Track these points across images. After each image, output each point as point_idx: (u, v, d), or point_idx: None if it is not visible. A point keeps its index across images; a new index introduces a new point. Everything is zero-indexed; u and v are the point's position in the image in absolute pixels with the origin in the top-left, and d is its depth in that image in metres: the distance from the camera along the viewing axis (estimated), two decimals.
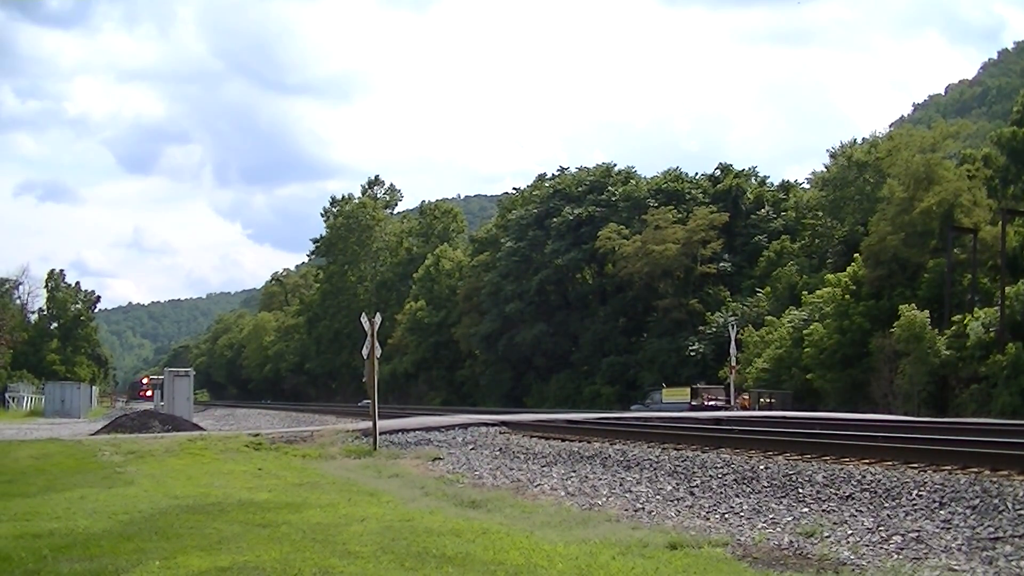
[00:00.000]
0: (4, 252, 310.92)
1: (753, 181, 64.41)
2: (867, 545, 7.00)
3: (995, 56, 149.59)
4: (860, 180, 52.79)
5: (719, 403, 41.28)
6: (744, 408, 39.96)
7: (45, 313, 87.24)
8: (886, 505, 8.21)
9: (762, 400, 41.54)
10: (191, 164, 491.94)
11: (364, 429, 17.66)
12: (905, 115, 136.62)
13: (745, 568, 6.33)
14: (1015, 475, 8.60)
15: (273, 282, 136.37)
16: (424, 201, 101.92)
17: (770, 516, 8.44)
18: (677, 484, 10.50)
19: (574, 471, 12.21)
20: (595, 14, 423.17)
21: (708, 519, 8.62)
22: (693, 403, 42.32)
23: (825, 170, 58.12)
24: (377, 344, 16.44)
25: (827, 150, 71.86)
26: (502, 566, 6.01)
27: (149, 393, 64.10)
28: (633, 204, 63.55)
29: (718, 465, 11.13)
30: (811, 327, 42.91)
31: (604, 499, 10.02)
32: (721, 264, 57.66)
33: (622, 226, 60.97)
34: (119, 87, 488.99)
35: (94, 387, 71.28)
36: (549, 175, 75.92)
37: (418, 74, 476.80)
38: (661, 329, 57.68)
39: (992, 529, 7.01)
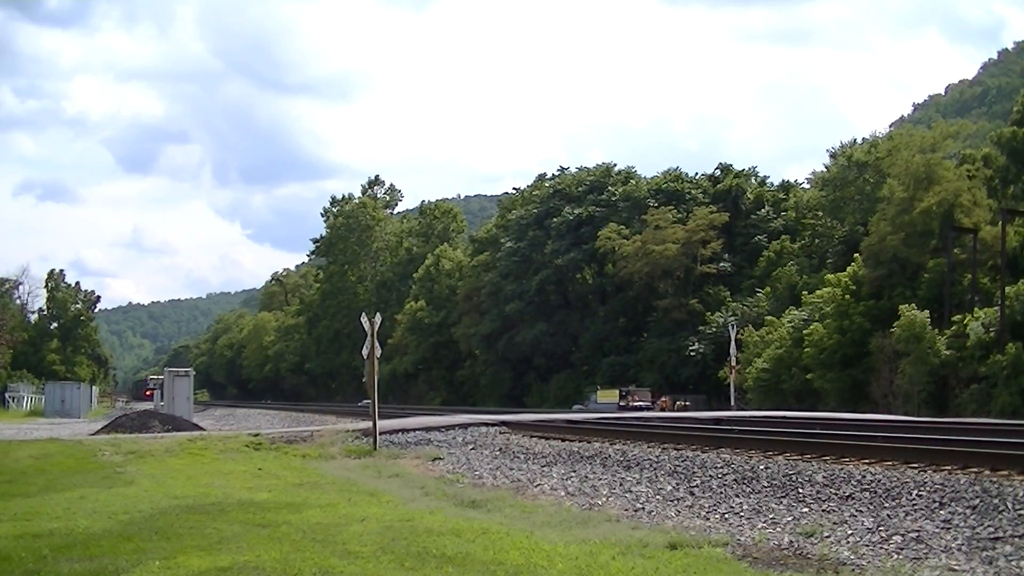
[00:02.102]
0: (4, 252, 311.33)
1: (753, 181, 64.37)
2: (867, 545, 7.00)
3: (995, 56, 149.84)
4: (860, 180, 52.75)
5: (643, 404, 46.92)
6: (664, 409, 45.49)
7: (45, 313, 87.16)
8: (886, 505, 8.21)
9: (678, 403, 47.66)
10: (190, 164, 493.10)
11: (364, 429, 17.65)
12: (905, 115, 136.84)
13: (745, 568, 6.33)
14: (1015, 475, 8.60)
15: (273, 282, 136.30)
16: (424, 201, 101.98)
17: (770, 516, 8.43)
18: (677, 484, 10.50)
19: (574, 471, 12.21)
20: (595, 14, 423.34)
21: (708, 519, 8.62)
22: (621, 404, 47.81)
23: (825, 170, 58.07)
24: (377, 344, 16.44)
25: (827, 150, 71.92)
26: (502, 566, 6.01)
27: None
28: (633, 204, 63.53)
29: (718, 465, 11.13)
30: (811, 327, 42.87)
31: (604, 499, 10.01)
32: (721, 264, 57.63)
33: (622, 226, 60.94)
34: (118, 87, 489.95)
35: (94, 387, 71.25)
36: (549, 175, 75.99)
37: (418, 74, 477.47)
38: (661, 329, 57.66)
39: (992, 529, 7.01)
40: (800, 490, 9.27)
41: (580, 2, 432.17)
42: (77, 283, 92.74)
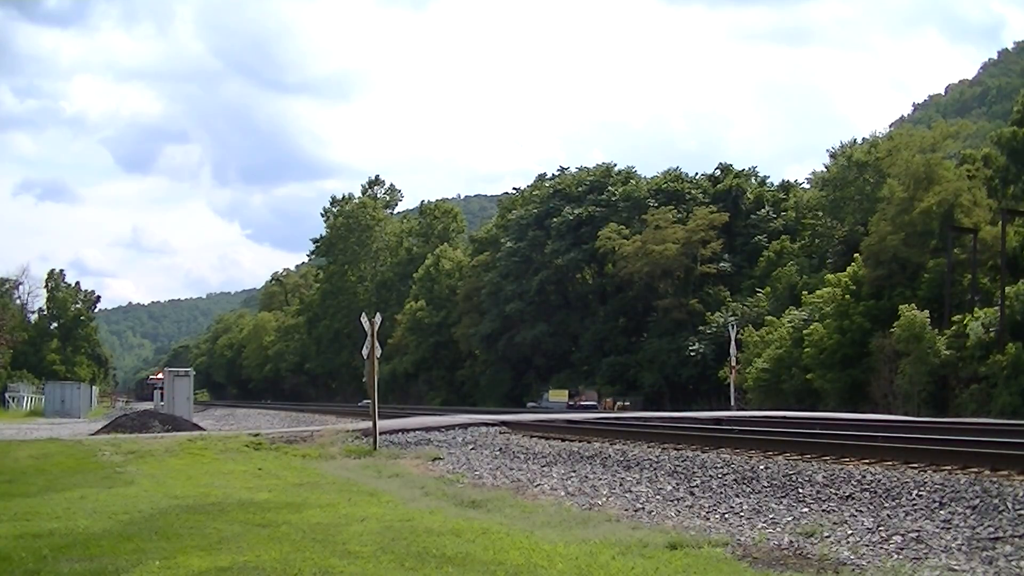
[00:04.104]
0: (4, 252, 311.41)
1: (753, 181, 64.27)
2: (867, 545, 7.00)
3: (995, 56, 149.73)
4: (860, 180, 52.69)
5: (589, 404, 51.30)
6: (607, 408, 49.32)
7: (45, 313, 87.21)
8: (886, 505, 8.21)
9: (618, 404, 51.66)
10: (190, 164, 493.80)
11: (364, 429, 17.65)
12: (905, 115, 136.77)
13: (745, 568, 6.33)
14: (1015, 475, 8.60)
15: (273, 282, 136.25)
16: (424, 201, 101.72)
17: (770, 516, 8.43)
18: (677, 484, 10.50)
19: (574, 471, 12.21)
20: (594, 13, 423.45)
21: (708, 519, 8.62)
22: (570, 403, 52.14)
23: (825, 170, 57.99)
24: (377, 344, 16.44)
25: (827, 150, 71.78)
26: (502, 566, 6.01)
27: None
28: (633, 204, 63.47)
29: (718, 465, 11.13)
30: (811, 327, 42.82)
31: (604, 499, 10.01)
32: (721, 264, 57.58)
33: (622, 226, 60.88)
34: (117, 86, 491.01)
35: (94, 387, 71.26)
36: (549, 175, 75.90)
37: (417, 73, 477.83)
38: (661, 329, 57.63)
39: (992, 529, 7.01)
40: (800, 490, 9.27)
41: (580, 2, 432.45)
42: (77, 283, 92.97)
